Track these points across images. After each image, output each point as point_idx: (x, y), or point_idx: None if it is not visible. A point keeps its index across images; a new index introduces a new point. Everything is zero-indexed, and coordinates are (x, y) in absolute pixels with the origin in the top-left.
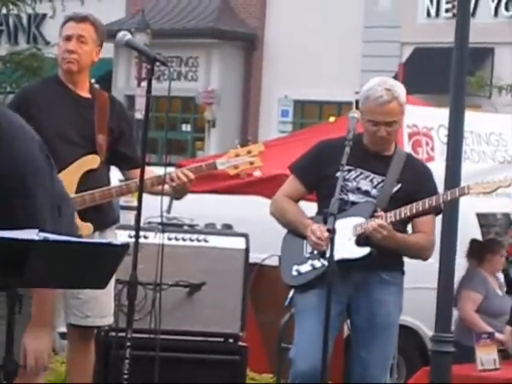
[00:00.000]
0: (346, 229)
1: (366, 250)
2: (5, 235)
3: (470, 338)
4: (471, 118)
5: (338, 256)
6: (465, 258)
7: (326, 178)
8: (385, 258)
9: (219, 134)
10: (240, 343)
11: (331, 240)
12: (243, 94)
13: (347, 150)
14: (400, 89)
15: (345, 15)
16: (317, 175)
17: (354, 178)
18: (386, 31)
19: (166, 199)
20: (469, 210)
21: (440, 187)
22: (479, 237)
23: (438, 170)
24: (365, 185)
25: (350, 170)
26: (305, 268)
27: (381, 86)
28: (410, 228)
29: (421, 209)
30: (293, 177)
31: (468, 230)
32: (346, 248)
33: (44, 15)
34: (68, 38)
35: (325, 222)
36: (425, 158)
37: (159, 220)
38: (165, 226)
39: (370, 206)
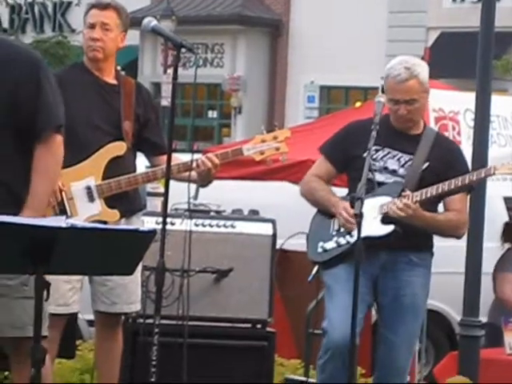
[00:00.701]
0: (373, 208)
1: (389, 228)
2: (32, 222)
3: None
4: (497, 101)
5: (362, 234)
6: (492, 241)
7: (354, 158)
8: (413, 239)
9: (245, 120)
10: (268, 329)
11: (358, 224)
12: (269, 80)
13: (374, 134)
14: (421, 67)
15: (370, 0)
16: (345, 155)
17: (382, 158)
18: (411, 16)
19: (193, 186)
20: (496, 193)
21: None
22: (506, 220)
23: (464, 154)
24: (392, 164)
25: (377, 150)
26: (330, 245)
27: (401, 65)
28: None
29: (447, 189)
30: (322, 157)
31: (495, 213)
32: (371, 226)
33: (69, 3)
34: (92, 26)
35: (352, 206)
36: None
37: (186, 206)
38: (192, 213)
39: (398, 186)
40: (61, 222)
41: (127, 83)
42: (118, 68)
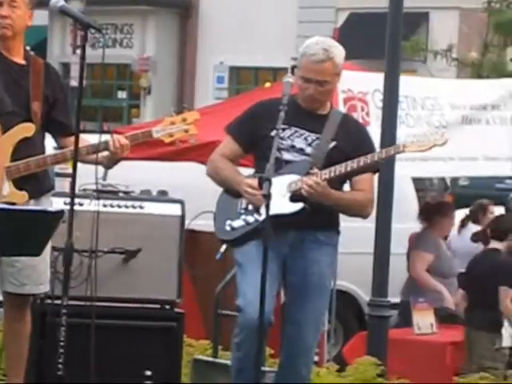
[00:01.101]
0: (282, 186)
1: (298, 206)
2: None
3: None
4: (406, 82)
5: (271, 211)
6: (400, 222)
7: (261, 138)
8: (320, 217)
9: (155, 101)
10: (176, 310)
11: (267, 206)
12: (179, 61)
13: (282, 114)
14: (338, 50)
15: None
16: (252, 135)
17: (289, 137)
18: None
19: (101, 167)
20: (404, 174)
21: None
22: (415, 201)
23: (373, 134)
24: (299, 142)
25: (284, 129)
26: (238, 223)
27: (318, 45)
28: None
29: (356, 166)
30: (228, 137)
31: (404, 194)
32: (280, 204)
33: None
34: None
35: (260, 187)
36: None
37: (94, 187)
38: (100, 193)
39: (306, 164)
40: None
41: (36, 63)
42: (28, 48)
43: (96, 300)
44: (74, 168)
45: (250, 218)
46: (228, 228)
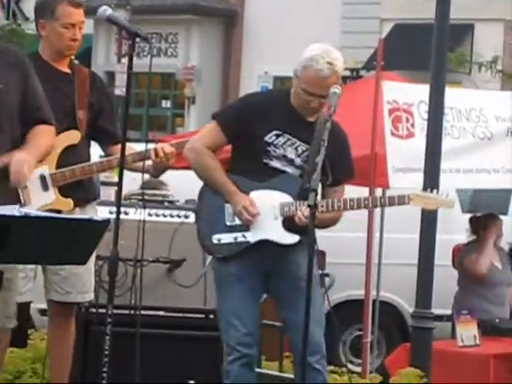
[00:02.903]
0: (272, 206)
1: (296, 238)
2: None
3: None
4: (451, 94)
5: (263, 236)
6: (444, 233)
7: (253, 138)
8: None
9: (199, 110)
10: None
11: (312, 215)
12: (223, 70)
13: (328, 125)
14: (340, 62)
15: None
16: (243, 133)
17: (282, 145)
18: (365, 7)
19: (146, 175)
20: (449, 185)
21: (420, 163)
22: (459, 212)
23: (418, 146)
24: (290, 152)
25: (277, 136)
26: (226, 239)
27: (324, 59)
28: None
29: (355, 206)
30: (216, 126)
31: None
32: (274, 229)
33: None
34: (71, 26)
35: (304, 199)
36: (405, 135)
37: (140, 196)
38: (145, 202)
39: (296, 183)
40: (14, 210)
41: (81, 72)
42: (72, 57)
43: (141, 309)
44: (120, 176)
45: (239, 237)
46: (215, 241)
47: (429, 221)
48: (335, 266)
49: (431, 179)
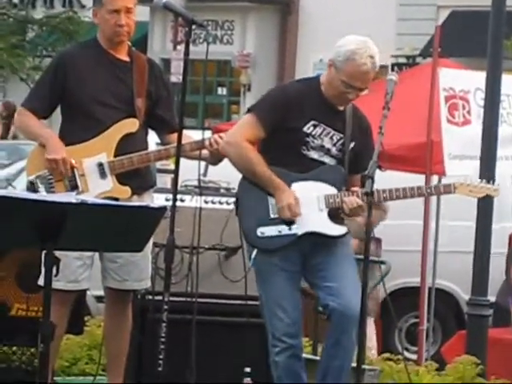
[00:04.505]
0: (316, 197)
1: (343, 230)
2: (43, 198)
3: None
4: (508, 81)
5: (311, 228)
6: (501, 222)
7: (290, 129)
8: None
9: (254, 97)
10: None
11: (369, 204)
12: (278, 57)
13: (385, 112)
14: (378, 56)
15: None
16: (280, 123)
17: (319, 135)
18: None
19: (202, 163)
20: (505, 172)
21: (477, 150)
22: None
23: (474, 133)
24: (327, 142)
25: (315, 126)
26: (270, 231)
27: (366, 53)
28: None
29: (402, 196)
30: (255, 119)
31: (504, 194)
32: (320, 221)
33: None
34: (117, 11)
35: (363, 185)
36: (461, 122)
37: (196, 183)
38: (202, 190)
39: (340, 174)
40: (71, 197)
41: (139, 60)
42: (129, 44)
43: (197, 296)
44: (177, 164)
45: (284, 229)
46: (260, 234)
47: (485, 208)
48: (391, 253)
49: (487, 166)
